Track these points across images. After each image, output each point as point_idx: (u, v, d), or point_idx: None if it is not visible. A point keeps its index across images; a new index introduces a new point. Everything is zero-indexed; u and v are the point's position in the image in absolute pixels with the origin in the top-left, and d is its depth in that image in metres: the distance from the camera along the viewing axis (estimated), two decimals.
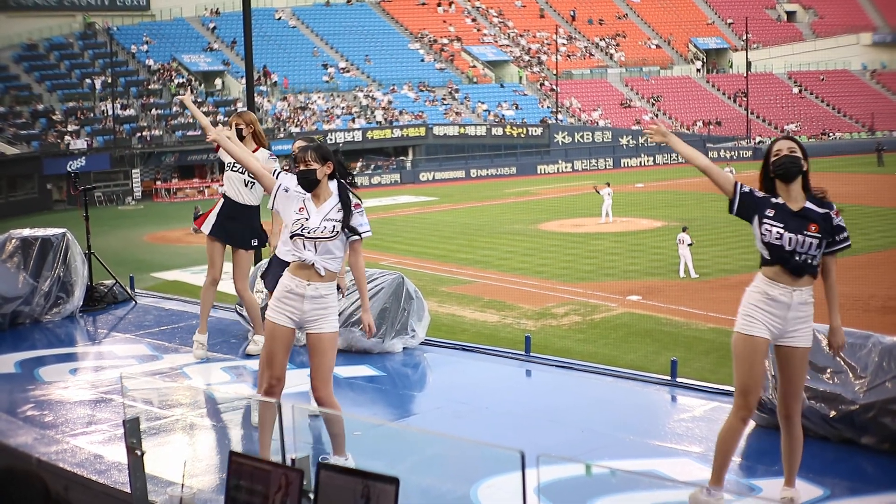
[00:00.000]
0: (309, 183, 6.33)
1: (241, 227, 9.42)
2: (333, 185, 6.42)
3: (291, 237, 6.37)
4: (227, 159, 9.51)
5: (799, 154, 5.79)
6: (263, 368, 6.55)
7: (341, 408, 6.87)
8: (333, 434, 6.48)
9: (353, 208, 6.33)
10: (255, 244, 9.44)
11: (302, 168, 6.33)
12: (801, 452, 5.91)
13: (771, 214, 5.79)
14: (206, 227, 9.55)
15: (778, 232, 5.74)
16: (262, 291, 10.60)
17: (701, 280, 28.12)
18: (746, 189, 5.88)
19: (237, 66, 67.97)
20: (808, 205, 5.79)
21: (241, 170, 9.31)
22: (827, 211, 5.77)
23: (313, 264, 6.28)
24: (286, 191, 6.48)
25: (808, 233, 5.71)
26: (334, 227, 6.26)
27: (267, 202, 9.35)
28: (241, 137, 9.24)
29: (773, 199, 5.83)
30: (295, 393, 7.51)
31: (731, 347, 5.88)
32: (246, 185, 9.34)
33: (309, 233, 6.27)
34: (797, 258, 5.72)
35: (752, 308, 5.82)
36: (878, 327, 10.41)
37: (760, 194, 5.88)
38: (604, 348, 21.07)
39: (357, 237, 6.36)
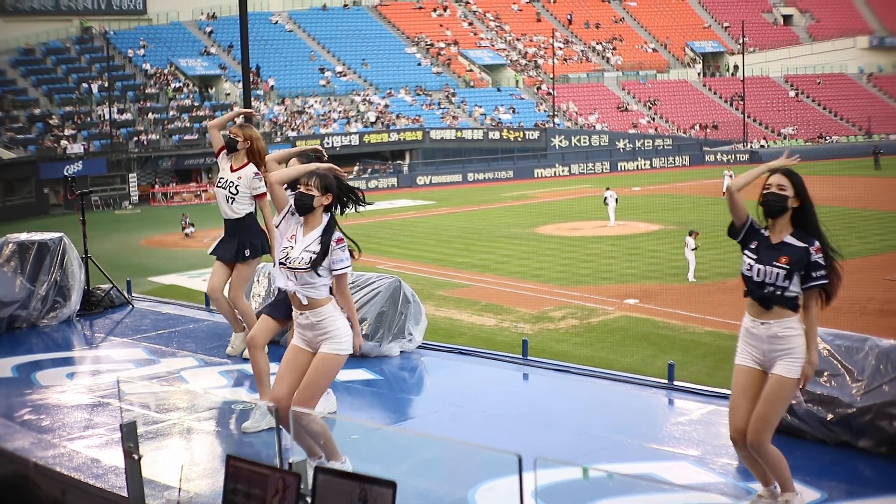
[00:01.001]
0: (303, 207, 6.30)
1: (231, 241, 9.36)
2: (326, 216, 6.39)
3: (279, 265, 6.44)
4: (219, 174, 9.45)
5: (787, 193, 5.80)
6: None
7: (338, 412, 6.87)
8: (321, 444, 6.43)
9: (334, 243, 6.27)
10: (248, 255, 9.35)
11: (302, 191, 6.30)
12: (782, 467, 5.85)
13: (753, 246, 5.90)
14: (211, 247, 9.60)
15: (749, 263, 5.88)
16: (259, 295, 10.62)
17: (698, 283, 28.14)
18: (752, 220, 5.98)
19: (234, 71, 67.98)
20: (788, 238, 5.80)
21: (223, 185, 9.23)
22: (806, 246, 5.75)
23: (294, 293, 6.30)
24: (293, 214, 6.50)
25: (777, 264, 5.76)
26: (310, 258, 6.23)
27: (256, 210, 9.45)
28: (234, 149, 9.16)
29: (762, 231, 5.91)
30: None
31: None
32: (227, 201, 9.25)
33: (290, 263, 6.29)
34: (765, 290, 5.78)
35: (739, 338, 5.98)
36: (876, 330, 10.41)
37: (757, 225, 5.96)
38: (601, 352, 21.08)
39: (336, 272, 6.30)
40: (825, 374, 7.04)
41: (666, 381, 8.74)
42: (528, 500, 4.84)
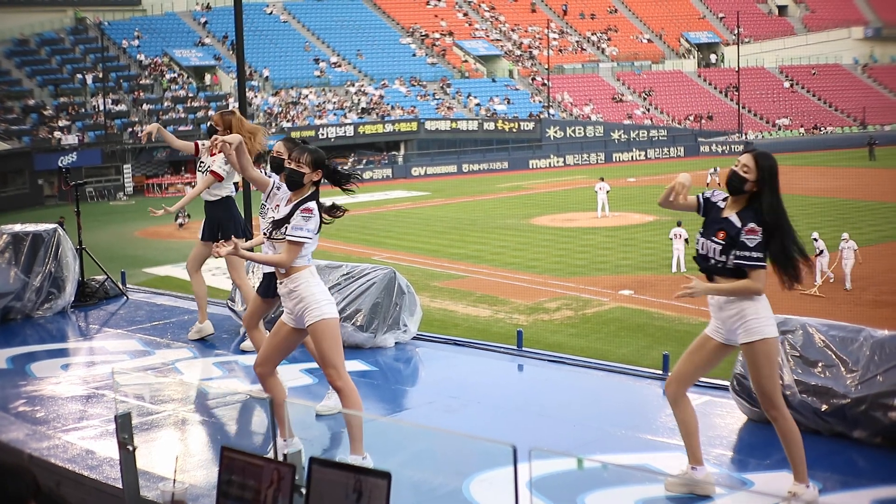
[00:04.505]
0: (293, 183, 6.37)
1: (208, 222, 9.79)
2: (312, 192, 6.43)
3: (263, 235, 6.72)
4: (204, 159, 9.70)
5: (749, 176, 5.81)
6: None
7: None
8: (348, 428, 6.48)
9: (299, 210, 6.28)
10: (221, 237, 9.49)
11: (292, 167, 6.35)
12: (797, 446, 5.83)
13: (706, 220, 6.01)
14: None
15: (697, 235, 6.03)
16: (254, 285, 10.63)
17: (691, 274, 28.09)
18: (706, 197, 6.06)
19: (228, 61, 67.87)
20: (733, 216, 5.85)
21: (202, 168, 9.65)
22: (741, 226, 5.80)
23: None
24: (278, 189, 6.68)
25: (714, 239, 5.88)
26: (285, 227, 6.33)
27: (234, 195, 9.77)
28: (214, 132, 9.36)
29: (719, 204, 5.99)
30: (288, 388, 7.49)
31: None
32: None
33: (269, 235, 6.47)
34: (709, 262, 5.93)
35: None
36: (870, 321, 10.42)
37: (716, 199, 6.04)
38: (596, 343, 21.09)
39: (289, 238, 6.28)
40: (819, 364, 7.05)
41: (661, 372, 8.75)
42: (523, 491, 4.85)
